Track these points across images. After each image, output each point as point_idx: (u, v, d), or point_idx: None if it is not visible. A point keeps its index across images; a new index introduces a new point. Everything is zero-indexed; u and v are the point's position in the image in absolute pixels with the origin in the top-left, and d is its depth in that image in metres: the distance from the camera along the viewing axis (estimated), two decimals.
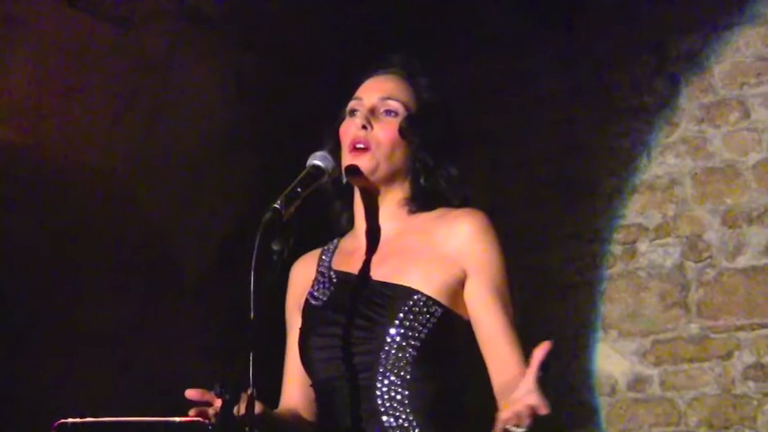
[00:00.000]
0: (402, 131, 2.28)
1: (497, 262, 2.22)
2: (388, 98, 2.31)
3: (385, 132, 2.28)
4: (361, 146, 2.27)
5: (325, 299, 2.29)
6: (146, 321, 4.43)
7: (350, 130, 2.30)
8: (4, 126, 3.92)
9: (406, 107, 2.31)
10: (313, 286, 2.34)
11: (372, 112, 2.30)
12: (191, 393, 2.06)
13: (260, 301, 1.98)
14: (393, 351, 2.14)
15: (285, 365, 2.40)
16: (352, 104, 2.34)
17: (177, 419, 1.97)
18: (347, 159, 2.28)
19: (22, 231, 4.30)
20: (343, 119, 2.34)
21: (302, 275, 2.40)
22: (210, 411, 2.01)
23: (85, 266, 4.41)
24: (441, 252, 2.22)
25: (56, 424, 1.98)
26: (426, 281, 2.18)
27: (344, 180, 2.30)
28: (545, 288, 4.96)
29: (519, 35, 5.17)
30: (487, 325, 2.19)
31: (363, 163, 2.26)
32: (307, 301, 2.33)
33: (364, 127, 2.28)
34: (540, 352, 1.90)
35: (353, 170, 2.27)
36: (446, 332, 2.17)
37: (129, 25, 4.17)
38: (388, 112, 2.30)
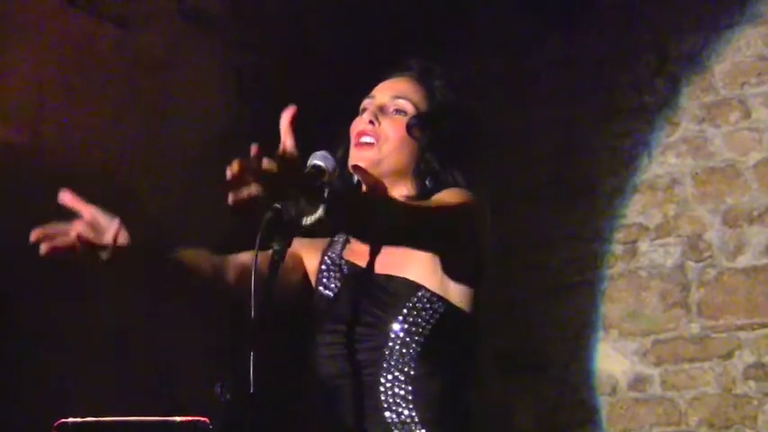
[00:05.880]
0: (410, 130, 2.30)
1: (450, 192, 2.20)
2: (399, 97, 2.34)
3: (392, 128, 2.30)
4: (367, 139, 2.29)
5: (335, 291, 2.31)
6: (146, 321, 4.43)
7: (358, 125, 2.33)
8: (4, 126, 3.92)
9: (417, 107, 2.33)
10: (322, 272, 2.35)
11: (382, 109, 2.33)
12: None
13: (260, 301, 1.98)
14: (397, 347, 2.15)
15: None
16: (364, 103, 2.37)
17: (177, 419, 1.98)
18: (353, 153, 2.30)
19: (22, 231, 4.29)
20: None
21: (310, 244, 2.36)
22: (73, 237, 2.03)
23: (86, 266, 4.40)
24: None
25: (56, 424, 1.98)
26: (429, 275, 2.20)
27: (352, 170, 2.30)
28: (545, 288, 4.95)
29: (519, 35, 5.17)
30: None
31: (367, 155, 2.28)
32: (318, 290, 2.34)
33: (372, 122, 2.30)
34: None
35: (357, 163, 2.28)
36: (449, 328, 2.18)
37: (129, 25, 4.17)
38: (398, 110, 2.33)
